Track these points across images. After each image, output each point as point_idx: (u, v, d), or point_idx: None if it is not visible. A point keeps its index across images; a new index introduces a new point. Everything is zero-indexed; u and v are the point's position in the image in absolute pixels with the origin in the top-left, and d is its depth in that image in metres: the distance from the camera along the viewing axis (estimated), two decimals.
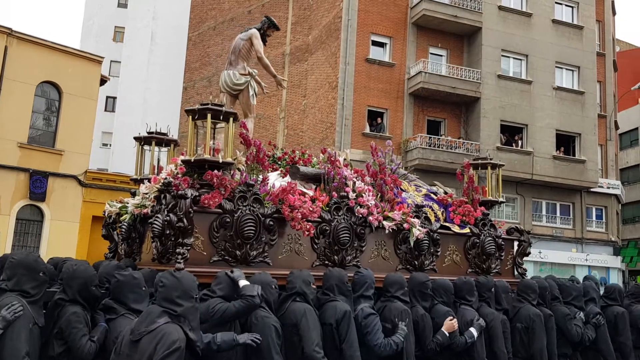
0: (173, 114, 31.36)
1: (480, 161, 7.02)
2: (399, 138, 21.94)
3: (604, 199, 25.69)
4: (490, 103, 22.55)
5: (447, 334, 4.83)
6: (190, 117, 5.04)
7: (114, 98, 36.17)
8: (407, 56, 22.46)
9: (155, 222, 4.69)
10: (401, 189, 6.22)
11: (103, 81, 17.65)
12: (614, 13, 29.44)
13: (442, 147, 21.32)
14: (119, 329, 3.62)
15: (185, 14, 32.47)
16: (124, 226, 5.62)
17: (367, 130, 21.57)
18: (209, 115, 4.93)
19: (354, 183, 5.56)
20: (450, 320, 4.88)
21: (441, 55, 23.23)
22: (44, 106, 16.36)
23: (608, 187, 25.65)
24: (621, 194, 27.41)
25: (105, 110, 36.90)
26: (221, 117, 4.99)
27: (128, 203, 5.58)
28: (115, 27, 39.13)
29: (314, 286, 4.49)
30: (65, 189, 16.08)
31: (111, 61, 36.34)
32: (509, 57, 23.55)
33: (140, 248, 5.51)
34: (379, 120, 22.05)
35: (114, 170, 25.37)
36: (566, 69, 24.66)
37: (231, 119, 5.05)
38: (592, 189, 24.80)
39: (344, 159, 6.08)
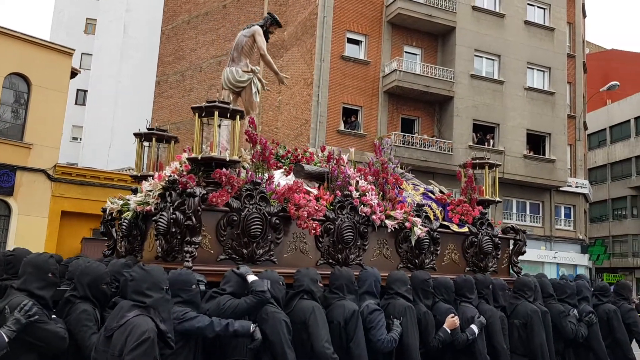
0: (145, 108, 30.94)
1: (478, 161, 7.11)
2: (374, 135, 22.03)
3: (573, 198, 26.25)
4: (463, 102, 22.82)
5: (449, 331, 4.93)
6: (197, 114, 4.95)
7: (85, 91, 35.55)
8: (382, 54, 22.57)
9: (160, 219, 4.66)
10: (401, 188, 6.28)
11: (74, 74, 17.32)
12: (584, 15, 30.04)
13: (415, 145, 21.51)
14: None
15: (159, 7, 32.02)
16: (124, 223, 5.53)
17: (342, 127, 21.62)
18: (216, 113, 4.87)
19: (357, 182, 5.61)
20: (452, 317, 4.98)
21: (415, 54, 23.40)
22: (12, 98, 15.98)
23: (576, 187, 26.20)
24: (589, 193, 28.03)
25: (76, 103, 36.24)
26: (228, 115, 4.96)
27: (130, 200, 5.52)
28: (86, 19, 38.43)
29: (321, 284, 4.54)
30: (34, 183, 15.75)
31: (82, 53, 35.67)
32: (482, 57, 23.86)
33: (142, 246, 5.49)
34: (354, 117, 22.12)
35: (84, 165, 24.96)
36: (537, 70, 25.09)
37: (237, 117, 5.03)
38: (561, 188, 25.30)
39: (349, 157, 6.11)
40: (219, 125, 5.00)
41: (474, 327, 5.05)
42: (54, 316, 3.78)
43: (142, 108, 31.39)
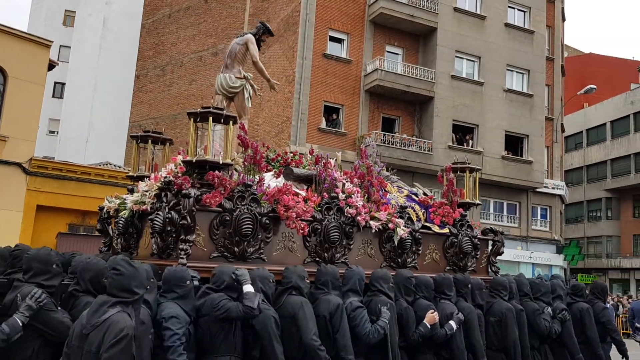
0: (124, 102, 30.63)
1: (459, 165, 7.35)
2: (354, 134, 22.10)
3: (549, 199, 26.62)
4: (443, 102, 22.98)
5: (429, 326, 5.18)
6: (192, 119, 5.22)
7: (63, 84, 35.03)
8: (363, 53, 22.62)
9: (156, 218, 4.95)
10: (385, 191, 6.53)
11: (51, 66, 17.02)
12: (563, 19, 30.46)
13: (396, 145, 21.61)
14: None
15: (139, 1, 31.68)
16: (120, 221, 5.80)
17: (323, 125, 21.63)
18: (210, 118, 5.13)
19: (344, 185, 5.87)
20: (432, 313, 5.24)
21: (397, 54, 23.51)
22: None
23: (553, 188, 26.58)
24: (565, 195, 28.45)
25: (53, 96, 35.70)
26: (222, 120, 5.22)
27: (126, 199, 5.80)
28: (65, 10, 37.85)
29: (308, 281, 4.78)
30: (9, 176, 15.45)
31: (60, 46, 35.11)
32: (462, 58, 24.05)
33: (137, 243, 5.76)
34: (335, 115, 22.14)
35: (60, 159, 24.60)
36: (516, 72, 25.37)
37: (231, 122, 5.29)
38: (537, 189, 25.64)
39: (336, 161, 6.38)
40: (214, 130, 5.24)
41: (452, 323, 5.31)
42: (59, 308, 4.06)
43: (120, 102, 31.06)
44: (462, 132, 23.81)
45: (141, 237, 5.72)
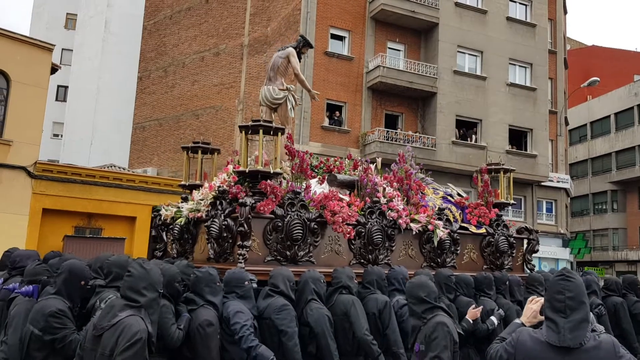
0: (127, 104, 30.67)
1: (493, 166, 7.62)
2: (357, 131, 22.08)
3: (554, 193, 26.55)
4: (446, 98, 22.93)
5: (471, 321, 5.37)
6: (243, 132, 5.58)
7: (66, 87, 35.13)
8: (365, 50, 22.59)
9: (212, 225, 5.39)
10: (423, 193, 6.81)
11: (54, 69, 17.05)
12: (565, 12, 30.34)
13: (399, 141, 21.57)
14: (200, 319, 4.11)
15: (140, 3, 31.70)
16: (176, 228, 6.24)
17: (326, 123, 21.62)
18: (260, 131, 5.49)
19: (384, 189, 6.22)
20: (474, 308, 5.42)
21: (399, 50, 23.46)
22: None
23: (558, 181, 26.50)
24: (570, 188, 28.37)
25: (57, 99, 35.83)
26: (271, 132, 5.59)
27: (182, 207, 6.24)
28: (67, 14, 37.96)
29: (355, 281, 5.10)
30: (14, 180, 15.50)
31: (63, 49, 35.25)
32: (464, 53, 23.98)
33: (192, 248, 6.22)
34: (338, 113, 22.12)
35: (65, 162, 24.67)
36: (519, 66, 25.29)
37: (279, 134, 5.65)
38: (542, 183, 25.56)
39: (375, 166, 6.77)
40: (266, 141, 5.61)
41: (493, 318, 5.52)
42: None
43: (123, 104, 31.11)
44: (466, 128, 23.76)
45: (196, 242, 6.17)
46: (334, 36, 22.33)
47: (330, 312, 4.67)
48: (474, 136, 23.74)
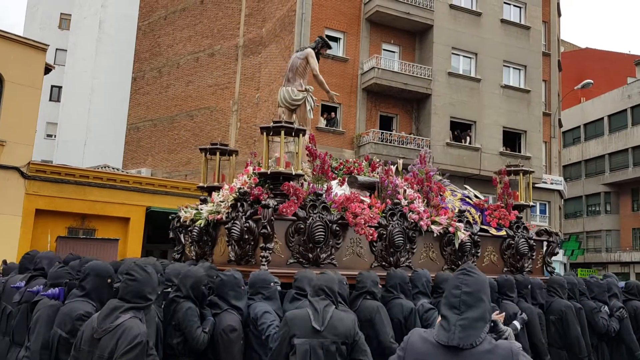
0: (121, 104, 30.59)
1: (512, 168, 7.62)
2: (352, 133, 22.10)
3: (548, 194, 26.64)
4: (440, 100, 22.98)
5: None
6: (265, 133, 5.57)
7: (59, 87, 34.99)
8: (360, 51, 22.61)
9: (233, 227, 5.34)
10: (442, 195, 6.77)
11: (48, 70, 16.99)
12: (559, 14, 30.47)
13: (394, 143, 21.61)
14: (223, 324, 4.11)
15: (135, 3, 31.62)
16: (195, 230, 6.18)
17: (321, 124, 21.62)
18: (282, 132, 5.46)
19: (405, 191, 6.21)
20: (497, 313, 5.33)
21: (394, 52, 23.50)
22: None
23: (552, 183, 26.60)
24: (564, 190, 28.48)
25: (50, 99, 35.68)
26: (293, 133, 5.58)
27: (201, 209, 6.21)
28: (61, 14, 37.84)
29: (380, 286, 4.99)
30: (7, 180, 15.43)
31: (57, 49, 35.10)
32: (459, 55, 24.04)
33: (212, 250, 6.19)
34: (333, 114, 22.13)
35: (58, 162, 24.57)
36: (513, 68, 25.37)
37: (301, 135, 5.64)
38: (536, 185, 25.63)
39: (396, 168, 6.72)
40: (272, 141, 5.62)
41: (516, 323, 5.42)
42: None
43: (118, 105, 31.03)
44: (460, 129, 23.82)
45: (216, 244, 6.12)
46: (329, 37, 22.20)
47: (356, 317, 4.62)
48: (468, 138, 23.81)
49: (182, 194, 17.70)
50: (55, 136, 34.25)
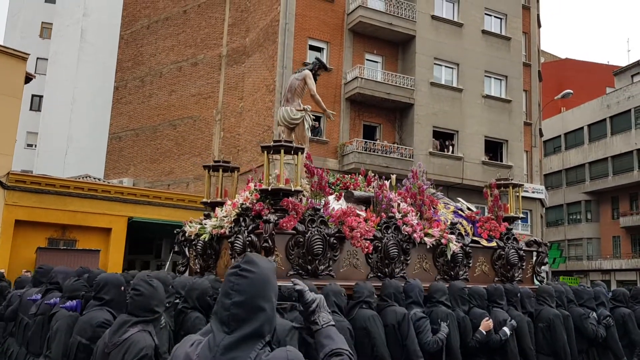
0: (103, 114, 30.35)
1: (502, 181, 7.90)
2: (336, 142, 22.15)
3: (529, 203, 26.88)
4: (423, 109, 23.15)
5: (485, 333, 5.59)
6: (266, 152, 5.84)
7: (40, 97, 34.64)
8: (343, 62, 22.72)
9: (236, 241, 5.62)
10: (435, 208, 7.00)
11: (28, 79, 16.84)
12: (539, 25, 30.93)
13: (377, 152, 21.70)
14: None
15: (117, 12, 31.47)
16: (199, 244, 6.51)
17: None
18: (282, 150, 5.72)
19: (399, 205, 6.44)
20: (487, 320, 5.66)
21: (376, 62, 23.65)
22: None
23: (533, 192, 26.86)
24: (545, 198, 28.78)
25: (31, 109, 35.31)
26: (292, 152, 5.84)
27: (205, 224, 6.51)
28: (42, 22, 37.52)
29: (376, 296, 5.31)
30: None
31: (37, 58, 34.81)
32: (441, 65, 24.27)
33: (216, 263, 6.48)
34: (316, 124, 22.16)
35: (39, 172, 24.27)
36: (495, 78, 25.67)
37: (299, 153, 5.90)
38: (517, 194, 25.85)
39: (390, 182, 6.98)
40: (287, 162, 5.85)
41: (506, 329, 5.71)
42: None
43: (99, 114, 30.78)
44: (443, 138, 24.00)
45: (219, 257, 6.42)
46: (312, 47, 22.41)
47: (351, 326, 4.83)
48: (451, 147, 23.99)
49: (165, 203, 17.58)
50: (35, 146, 33.84)
